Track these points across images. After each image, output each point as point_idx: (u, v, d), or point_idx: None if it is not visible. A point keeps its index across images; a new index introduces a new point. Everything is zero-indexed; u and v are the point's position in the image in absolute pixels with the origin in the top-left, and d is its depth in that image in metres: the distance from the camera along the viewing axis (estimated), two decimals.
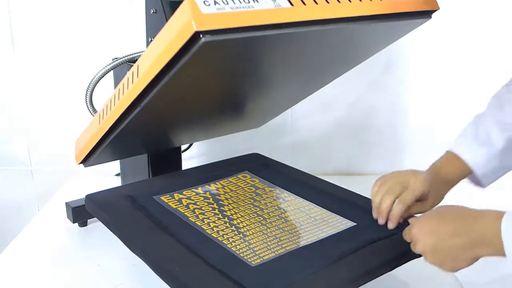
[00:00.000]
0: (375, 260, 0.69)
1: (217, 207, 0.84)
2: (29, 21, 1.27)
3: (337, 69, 0.90)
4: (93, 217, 0.91)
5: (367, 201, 0.81)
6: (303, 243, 0.72)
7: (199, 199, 0.87)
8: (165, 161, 1.05)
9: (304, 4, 0.57)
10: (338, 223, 0.78)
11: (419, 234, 0.65)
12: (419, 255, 0.74)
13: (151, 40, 0.93)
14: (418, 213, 0.77)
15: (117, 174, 1.26)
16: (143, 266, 0.71)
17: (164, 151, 1.05)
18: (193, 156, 1.36)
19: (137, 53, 0.89)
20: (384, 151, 1.37)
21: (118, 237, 0.79)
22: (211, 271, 0.65)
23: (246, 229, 0.76)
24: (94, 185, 0.98)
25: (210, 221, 0.79)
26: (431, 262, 0.64)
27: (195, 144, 1.27)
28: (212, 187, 0.92)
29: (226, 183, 0.93)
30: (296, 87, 0.95)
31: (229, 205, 0.85)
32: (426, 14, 0.71)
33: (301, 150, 1.39)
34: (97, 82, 0.88)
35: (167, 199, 0.86)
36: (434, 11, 0.72)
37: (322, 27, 0.59)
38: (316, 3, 0.58)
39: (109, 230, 0.82)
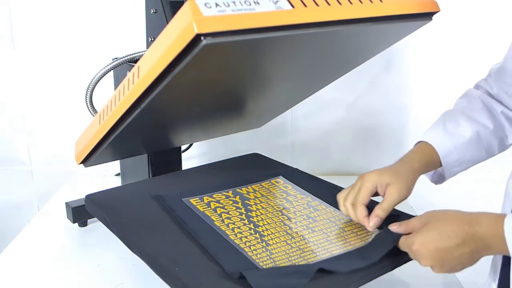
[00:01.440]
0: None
1: (244, 212, 0.82)
2: (29, 21, 1.27)
3: (338, 71, 0.90)
4: (93, 217, 0.91)
5: (404, 214, 0.80)
6: (326, 255, 0.69)
7: (228, 202, 0.85)
8: (165, 161, 1.06)
9: (305, 6, 0.57)
10: (368, 236, 0.74)
11: (422, 250, 0.63)
12: None
13: (151, 40, 0.93)
14: (391, 205, 0.75)
15: (117, 174, 1.26)
16: (143, 266, 0.71)
17: (164, 151, 1.05)
18: (193, 156, 1.36)
19: (137, 53, 0.88)
20: (384, 151, 1.37)
21: (118, 237, 0.79)
22: (212, 271, 0.65)
23: (269, 238, 0.74)
24: (94, 185, 0.99)
25: (235, 226, 0.77)
26: (439, 272, 0.65)
27: (195, 144, 1.28)
28: (243, 191, 0.90)
29: (258, 188, 0.91)
30: (296, 88, 0.95)
31: (257, 211, 0.83)
32: (426, 16, 0.71)
33: (301, 150, 1.39)
34: (97, 82, 0.88)
35: (196, 202, 0.85)
36: (435, 13, 0.72)
37: (323, 29, 0.59)
38: (317, 5, 0.58)
39: (109, 230, 0.82)
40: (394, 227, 0.69)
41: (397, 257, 0.70)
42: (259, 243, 0.72)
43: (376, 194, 0.77)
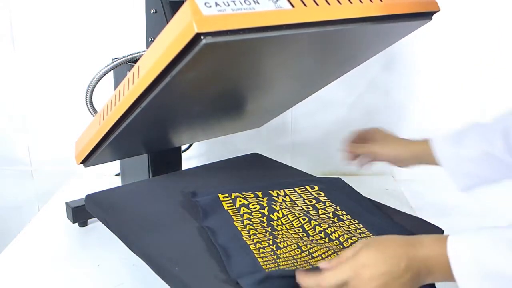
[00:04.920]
0: None
1: (267, 213, 0.80)
2: (29, 21, 1.27)
3: (338, 70, 0.90)
4: (93, 217, 0.91)
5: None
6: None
7: (254, 200, 0.83)
8: (165, 161, 1.06)
9: (305, 5, 0.57)
10: None
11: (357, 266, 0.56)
12: None
13: (151, 40, 0.93)
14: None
15: (117, 174, 1.26)
16: (143, 266, 0.71)
17: (164, 151, 1.05)
18: (193, 156, 1.36)
19: (137, 53, 0.88)
20: None
21: (118, 237, 0.79)
22: (212, 270, 0.65)
23: (282, 239, 0.72)
24: (94, 185, 0.99)
25: (252, 228, 0.76)
26: None
27: (195, 144, 1.28)
28: (274, 193, 0.88)
29: (290, 192, 0.89)
30: (296, 87, 0.95)
31: (280, 211, 0.81)
32: (426, 16, 0.72)
33: (301, 150, 1.39)
34: (97, 82, 0.88)
35: (224, 197, 0.84)
36: (435, 12, 0.72)
37: (322, 28, 0.59)
38: (317, 4, 0.58)
39: (109, 230, 0.82)
40: (324, 265, 0.60)
41: None
42: (270, 246, 0.71)
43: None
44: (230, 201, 0.83)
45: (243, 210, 0.81)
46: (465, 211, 1.39)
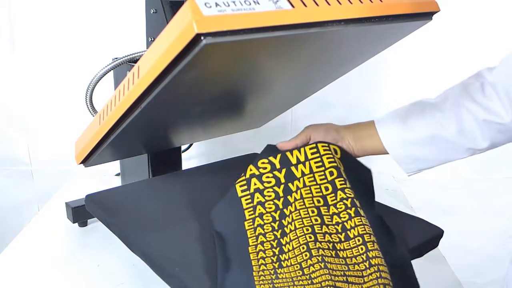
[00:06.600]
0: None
1: (281, 206, 0.75)
2: (29, 21, 1.27)
3: (337, 71, 0.90)
4: (93, 217, 0.91)
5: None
6: None
7: (270, 192, 0.77)
8: (165, 161, 1.06)
9: (305, 6, 0.57)
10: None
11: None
12: (419, 255, 0.75)
13: (151, 40, 0.94)
14: None
15: (117, 174, 1.26)
16: (143, 266, 0.71)
17: (164, 151, 1.05)
18: (193, 156, 1.36)
19: (137, 53, 0.88)
20: None
21: (118, 237, 0.79)
22: (212, 271, 0.65)
23: (287, 257, 0.68)
24: (94, 185, 0.99)
25: (262, 233, 0.72)
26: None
27: (195, 144, 1.28)
28: (294, 159, 0.80)
29: (312, 154, 0.80)
30: (296, 88, 0.95)
31: (296, 202, 0.74)
32: (426, 16, 0.72)
33: None
34: (97, 82, 0.88)
35: (241, 186, 0.79)
36: (435, 12, 0.72)
37: (322, 29, 0.59)
38: (317, 5, 0.58)
39: (109, 230, 0.82)
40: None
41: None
42: (273, 262, 0.68)
43: None
44: (249, 197, 0.77)
45: (259, 211, 0.76)
46: (465, 211, 1.40)
